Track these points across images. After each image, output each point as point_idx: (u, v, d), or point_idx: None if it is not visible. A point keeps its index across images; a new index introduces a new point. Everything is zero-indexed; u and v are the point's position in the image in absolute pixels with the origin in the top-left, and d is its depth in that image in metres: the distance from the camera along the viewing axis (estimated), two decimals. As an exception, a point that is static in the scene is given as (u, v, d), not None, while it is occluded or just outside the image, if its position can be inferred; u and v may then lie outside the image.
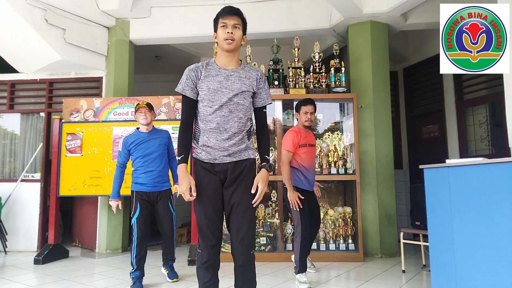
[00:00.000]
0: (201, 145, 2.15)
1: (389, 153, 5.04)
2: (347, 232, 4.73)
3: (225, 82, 2.13)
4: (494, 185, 2.51)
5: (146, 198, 3.51)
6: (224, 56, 2.18)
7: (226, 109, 2.11)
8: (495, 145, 5.16)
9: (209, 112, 2.11)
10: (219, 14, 2.16)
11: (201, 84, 2.14)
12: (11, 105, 5.96)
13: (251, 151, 2.21)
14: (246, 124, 2.19)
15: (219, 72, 2.15)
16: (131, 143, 3.54)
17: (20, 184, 5.59)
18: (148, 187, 3.51)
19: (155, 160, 3.53)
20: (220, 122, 2.11)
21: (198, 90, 2.15)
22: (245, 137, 2.18)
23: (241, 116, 2.14)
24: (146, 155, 3.51)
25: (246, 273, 2.12)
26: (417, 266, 4.22)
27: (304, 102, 3.69)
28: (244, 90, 2.15)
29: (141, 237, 3.43)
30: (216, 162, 2.13)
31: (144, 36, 5.80)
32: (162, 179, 3.59)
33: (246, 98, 2.16)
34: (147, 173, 3.51)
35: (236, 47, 2.16)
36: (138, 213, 3.45)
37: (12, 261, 4.84)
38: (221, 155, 2.12)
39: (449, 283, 2.77)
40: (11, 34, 5.15)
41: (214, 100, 2.10)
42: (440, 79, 5.88)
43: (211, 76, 2.14)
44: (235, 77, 2.16)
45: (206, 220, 2.08)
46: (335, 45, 5.21)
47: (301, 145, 3.59)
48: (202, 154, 2.15)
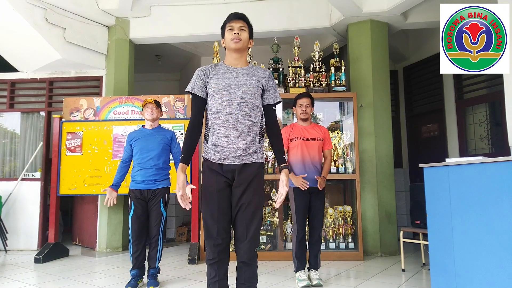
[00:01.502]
0: (211, 144, 2.17)
1: (389, 152, 5.05)
2: (347, 231, 4.74)
3: (233, 78, 2.18)
4: (494, 184, 2.52)
5: (140, 196, 3.45)
6: (232, 57, 2.24)
7: (236, 107, 2.13)
8: (495, 144, 5.17)
9: (218, 109, 2.14)
10: (226, 20, 2.26)
11: (210, 81, 2.18)
12: (11, 104, 5.96)
13: (260, 155, 2.22)
14: (257, 124, 2.20)
15: (227, 70, 2.21)
16: (132, 138, 3.54)
17: (20, 183, 5.59)
18: (143, 185, 3.45)
19: (153, 158, 3.46)
20: (230, 120, 2.13)
21: (208, 89, 2.19)
22: (256, 139, 2.20)
23: (251, 115, 2.16)
24: (144, 151, 3.46)
25: (249, 270, 2.16)
26: (417, 264, 4.24)
27: (299, 95, 3.70)
28: (253, 87, 2.18)
29: (135, 236, 3.42)
30: (225, 163, 2.14)
31: (144, 35, 5.80)
32: (159, 177, 3.50)
33: (256, 97, 2.19)
34: (143, 170, 3.45)
35: (243, 47, 2.22)
36: (132, 212, 3.43)
37: (12, 259, 4.84)
38: (230, 156, 2.13)
39: (448, 281, 2.78)
40: (11, 33, 5.15)
41: (223, 96, 2.13)
42: (440, 78, 5.88)
43: (220, 74, 2.19)
44: (244, 74, 2.21)
45: (211, 221, 2.11)
46: (335, 44, 5.21)
47: (291, 139, 3.58)
48: (211, 154, 2.16)
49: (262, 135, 2.26)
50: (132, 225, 3.43)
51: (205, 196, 2.15)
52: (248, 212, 2.12)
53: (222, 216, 2.12)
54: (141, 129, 3.62)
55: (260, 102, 2.23)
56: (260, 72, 2.26)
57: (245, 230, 2.13)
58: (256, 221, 2.14)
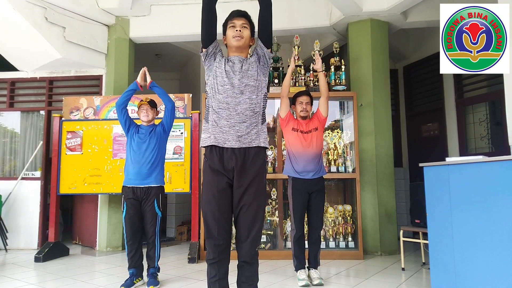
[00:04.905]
0: (211, 124, 2.17)
1: (389, 151, 5.05)
2: (346, 230, 4.74)
3: (238, 64, 2.22)
4: (493, 183, 2.52)
5: (133, 196, 3.40)
6: (234, 55, 2.27)
7: (238, 90, 2.15)
8: (495, 143, 5.17)
9: (220, 91, 2.16)
10: (227, 18, 2.28)
11: (217, 54, 2.27)
12: (11, 103, 5.96)
13: (262, 138, 2.20)
14: (259, 105, 2.21)
15: (231, 59, 2.26)
16: (132, 122, 3.55)
17: (20, 182, 5.59)
18: (136, 181, 3.40)
19: (146, 151, 3.42)
20: (230, 103, 2.14)
21: (211, 59, 2.27)
22: (258, 120, 2.20)
23: (252, 97, 2.18)
24: (138, 146, 3.43)
25: (250, 269, 2.17)
26: (417, 264, 4.24)
27: (299, 93, 3.71)
28: (253, 67, 2.23)
29: (129, 236, 3.40)
30: (226, 146, 2.12)
31: (144, 34, 5.80)
32: (153, 173, 3.44)
33: (256, 79, 2.21)
34: (135, 163, 3.40)
35: (244, 44, 2.25)
36: (124, 212, 3.41)
37: (12, 259, 4.85)
38: (231, 138, 2.12)
39: (448, 280, 2.79)
40: (11, 32, 5.15)
41: (226, 79, 2.17)
42: (440, 77, 5.88)
43: (224, 59, 2.26)
44: (246, 62, 2.25)
45: (212, 221, 2.12)
46: (335, 43, 5.20)
47: (293, 128, 3.59)
48: (212, 138, 2.15)
49: (264, 117, 2.26)
50: (125, 225, 3.42)
51: (206, 196, 2.15)
52: (250, 213, 2.12)
53: (222, 216, 2.12)
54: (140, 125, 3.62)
55: (261, 81, 2.25)
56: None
57: (246, 231, 2.13)
58: (258, 222, 2.15)
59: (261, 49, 2.29)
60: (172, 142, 4.76)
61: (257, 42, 2.32)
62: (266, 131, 2.26)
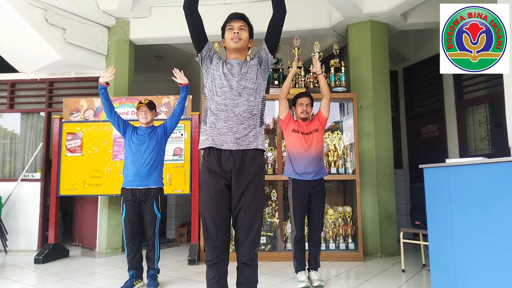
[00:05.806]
0: (209, 126, 2.17)
1: (389, 153, 5.05)
2: (347, 232, 4.73)
3: (236, 67, 2.22)
4: (493, 185, 2.52)
5: (132, 197, 3.39)
6: (232, 57, 2.28)
7: (236, 93, 2.15)
8: (495, 144, 5.17)
9: (218, 93, 2.16)
10: (226, 20, 2.29)
11: (214, 57, 2.28)
12: (11, 105, 5.96)
13: (260, 141, 2.20)
14: (257, 107, 2.21)
15: (229, 61, 2.27)
16: (128, 125, 3.57)
17: (20, 184, 5.59)
18: (135, 182, 3.39)
19: (145, 152, 3.41)
20: (229, 105, 2.14)
21: (208, 62, 2.28)
22: (256, 123, 2.20)
23: (251, 99, 2.18)
24: (137, 148, 3.42)
25: (249, 270, 2.16)
26: (417, 265, 4.23)
27: (299, 94, 3.71)
28: (253, 69, 2.23)
29: (128, 238, 3.40)
30: (223, 148, 2.12)
31: (144, 36, 5.80)
32: (152, 174, 3.43)
33: (255, 82, 2.21)
34: (134, 164, 3.39)
35: (243, 46, 2.25)
36: (124, 214, 3.41)
37: (12, 260, 4.84)
38: (228, 140, 2.12)
39: (448, 282, 2.78)
40: (11, 34, 5.15)
41: (224, 81, 2.17)
42: (440, 79, 5.89)
43: (222, 61, 2.27)
44: (245, 63, 2.26)
45: (210, 222, 2.11)
46: (335, 45, 5.21)
47: (294, 129, 3.58)
48: (210, 140, 2.15)
49: (262, 120, 2.26)
50: (125, 227, 3.42)
51: (204, 198, 2.15)
52: (249, 215, 2.12)
53: (221, 218, 2.11)
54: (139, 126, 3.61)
55: (260, 84, 2.25)
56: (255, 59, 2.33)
57: (245, 233, 2.12)
58: (256, 223, 2.14)
59: (266, 54, 2.29)
60: (172, 144, 4.76)
61: (262, 45, 2.32)
62: (263, 134, 2.26)
